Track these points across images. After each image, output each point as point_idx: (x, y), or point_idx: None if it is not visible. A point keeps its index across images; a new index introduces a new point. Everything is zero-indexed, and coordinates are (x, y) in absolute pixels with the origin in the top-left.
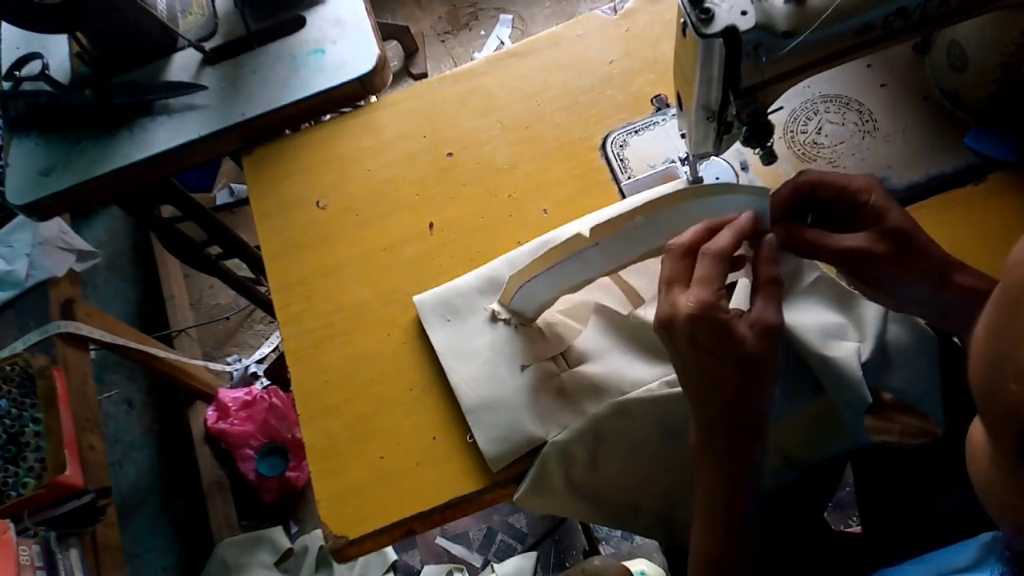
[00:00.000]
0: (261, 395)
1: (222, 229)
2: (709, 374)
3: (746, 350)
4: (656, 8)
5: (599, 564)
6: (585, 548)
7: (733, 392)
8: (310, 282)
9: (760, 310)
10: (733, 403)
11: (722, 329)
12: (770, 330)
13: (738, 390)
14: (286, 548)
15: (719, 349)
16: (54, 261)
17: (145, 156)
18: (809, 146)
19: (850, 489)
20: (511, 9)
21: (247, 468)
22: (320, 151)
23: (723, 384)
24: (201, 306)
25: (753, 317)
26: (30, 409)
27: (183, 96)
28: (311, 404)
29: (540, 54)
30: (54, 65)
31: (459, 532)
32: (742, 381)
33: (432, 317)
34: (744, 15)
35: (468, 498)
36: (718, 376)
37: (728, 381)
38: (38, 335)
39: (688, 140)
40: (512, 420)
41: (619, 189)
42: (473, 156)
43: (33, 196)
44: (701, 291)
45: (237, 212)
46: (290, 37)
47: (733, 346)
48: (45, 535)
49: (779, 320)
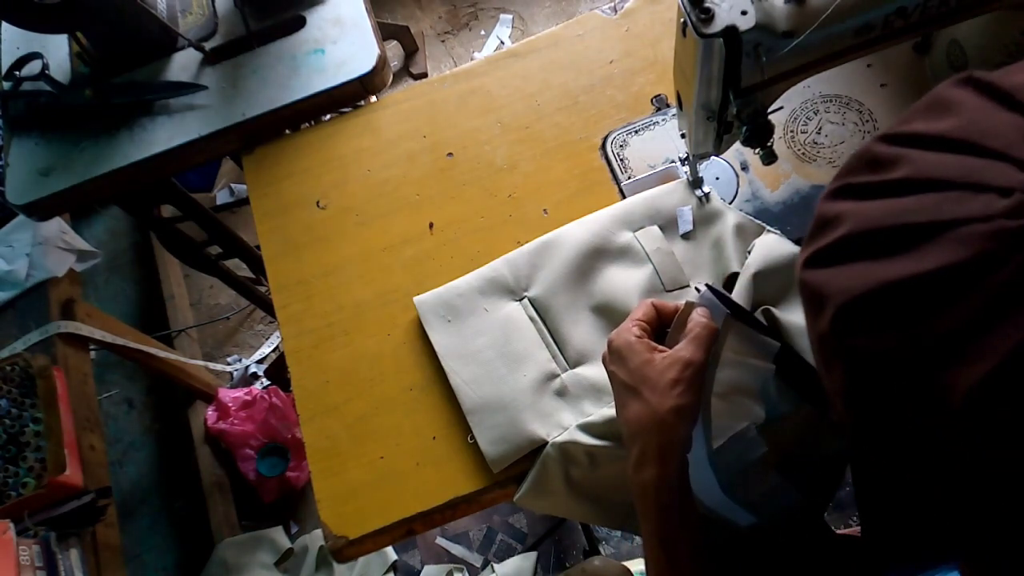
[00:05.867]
0: (261, 395)
1: (222, 229)
2: (620, 392)
3: (647, 370)
4: (656, 8)
5: (599, 564)
6: (585, 548)
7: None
8: (310, 282)
9: (679, 346)
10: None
11: (627, 347)
12: (679, 360)
13: (642, 412)
14: (286, 548)
15: (625, 365)
16: (54, 261)
17: (145, 156)
18: (809, 146)
19: (850, 489)
20: (511, 9)
21: (247, 468)
22: (320, 151)
23: (630, 403)
24: (201, 306)
25: (669, 350)
26: (30, 409)
27: (183, 96)
28: (311, 404)
29: (540, 54)
30: (54, 65)
31: (459, 532)
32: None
33: (432, 318)
34: (744, 15)
35: (468, 498)
36: (626, 399)
37: (635, 400)
38: (38, 335)
39: (688, 140)
40: (513, 421)
41: (619, 189)
42: (473, 156)
43: (33, 196)
44: (624, 322)
45: (237, 212)
46: (290, 37)
47: (637, 362)
48: (45, 535)
49: (694, 356)
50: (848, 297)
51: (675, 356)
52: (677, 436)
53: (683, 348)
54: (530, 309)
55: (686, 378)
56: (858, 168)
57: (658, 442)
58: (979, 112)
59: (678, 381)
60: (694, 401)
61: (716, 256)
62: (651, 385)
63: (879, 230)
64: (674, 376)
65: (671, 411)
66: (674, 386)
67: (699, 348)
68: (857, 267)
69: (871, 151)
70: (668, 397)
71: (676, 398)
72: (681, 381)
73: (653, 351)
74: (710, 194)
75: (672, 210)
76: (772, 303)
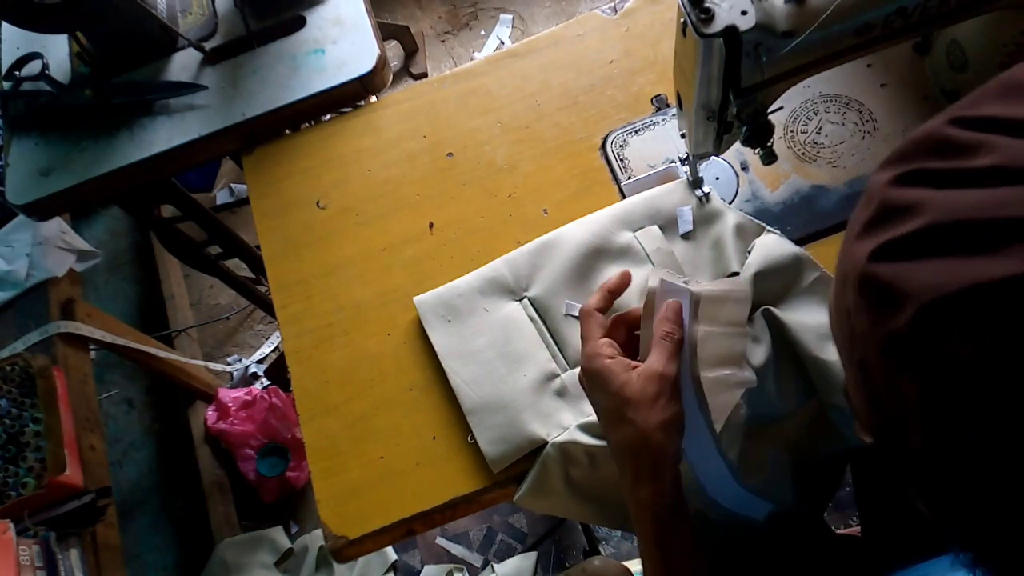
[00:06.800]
0: (261, 395)
1: (222, 229)
2: (605, 417)
3: (628, 391)
4: (656, 8)
5: (599, 564)
6: (585, 548)
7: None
8: (310, 282)
9: (649, 359)
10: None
11: (603, 372)
12: (653, 375)
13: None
14: (286, 548)
15: (604, 390)
16: (54, 261)
17: (145, 156)
18: (809, 146)
19: (850, 489)
20: (511, 9)
21: (247, 468)
22: (320, 151)
23: (617, 426)
24: (201, 306)
25: (642, 364)
26: (30, 409)
27: (183, 96)
28: (311, 404)
29: (540, 54)
30: (54, 65)
31: (459, 532)
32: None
33: (432, 317)
34: (744, 15)
35: (468, 498)
36: (612, 420)
37: (622, 423)
38: (38, 335)
39: (688, 140)
40: (513, 421)
41: (619, 189)
42: (473, 156)
43: (33, 196)
44: (584, 345)
45: (237, 212)
46: (290, 37)
47: (616, 385)
48: (45, 535)
49: (666, 369)
50: (936, 295)
51: (650, 371)
52: (668, 450)
53: (655, 360)
54: (530, 309)
55: (666, 391)
56: (929, 153)
57: (651, 459)
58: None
59: (659, 395)
60: (678, 410)
61: (716, 256)
62: (634, 405)
63: (971, 223)
64: (654, 392)
65: (658, 427)
66: (655, 401)
67: (670, 357)
68: (945, 263)
69: (942, 134)
70: (653, 413)
71: (660, 412)
72: (661, 395)
73: (628, 370)
74: (710, 194)
75: (672, 210)
76: (772, 303)
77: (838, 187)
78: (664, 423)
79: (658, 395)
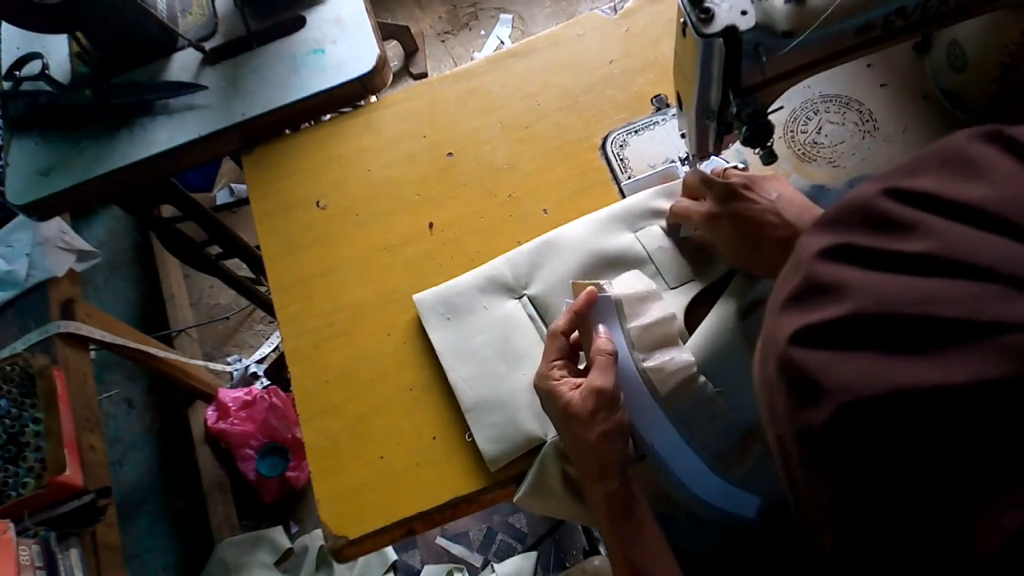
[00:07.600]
0: (261, 395)
1: (222, 229)
2: (560, 431)
3: (571, 409)
4: (656, 8)
5: (599, 564)
6: (585, 548)
7: (577, 444)
8: (310, 282)
9: (588, 377)
10: (582, 454)
11: (551, 393)
12: (591, 392)
13: (578, 442)
14: (286, 548)
15: (554, 408)
16: (54, 261)
17: (145, 156)
18: (809, 146)
19: None
20: (511, 9)
21: (247, 468)
22: (320, 151)
23: (567, 438)
24: (201, 306)
25: (584, 382)
26: (30, 409)
27: (183, 96)
28: (311, 404)
29: (540, 54)
30: (54, 65)
31: (459, 532)
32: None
33: (432, 315)
34: (744, 15)
35: (468, 498)
36: (564, 433)
37: (571, 436)
38: (38, 335)
39: (688, 140)
40: (511, 419)
41: (619, 189)
42: (473, 156)
43: (33, 196)
44: (540, 365)
45: (237, 212)
46: (290, 37)
47: (561, 404)
48: (45, 535)
49: (604, 384)
50: (856, 396)
51: (588, 388)
52: (611, 456)
53: (593, 377)
54: (529, 308)
55: (604, 404)
56: (862, 225)
57: (598, 465)
58: (1018, 182)
59: (597, 410)
60: (618, 420)
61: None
62: (577, 421)
63: (896, 317)
64: (592, 406)
65: (600, 438)
66: (595, 415)
67: (606, 373)
68: (867, 359)
69: (877, 207)
70: (594, 425)
71: (600, 424)
72: (600, 408)
73: (573, 389)
74: None
75: None
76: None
77: (838, 187)
78: (605, 433)
79: (597, 410)
